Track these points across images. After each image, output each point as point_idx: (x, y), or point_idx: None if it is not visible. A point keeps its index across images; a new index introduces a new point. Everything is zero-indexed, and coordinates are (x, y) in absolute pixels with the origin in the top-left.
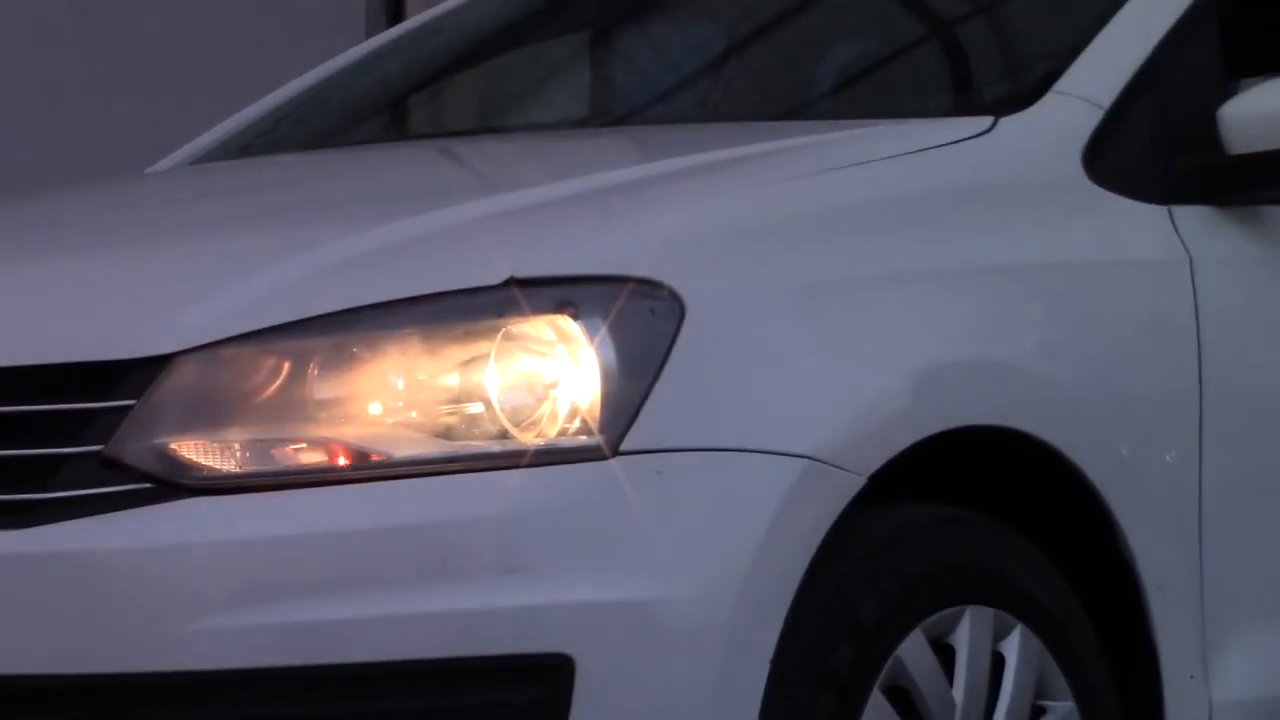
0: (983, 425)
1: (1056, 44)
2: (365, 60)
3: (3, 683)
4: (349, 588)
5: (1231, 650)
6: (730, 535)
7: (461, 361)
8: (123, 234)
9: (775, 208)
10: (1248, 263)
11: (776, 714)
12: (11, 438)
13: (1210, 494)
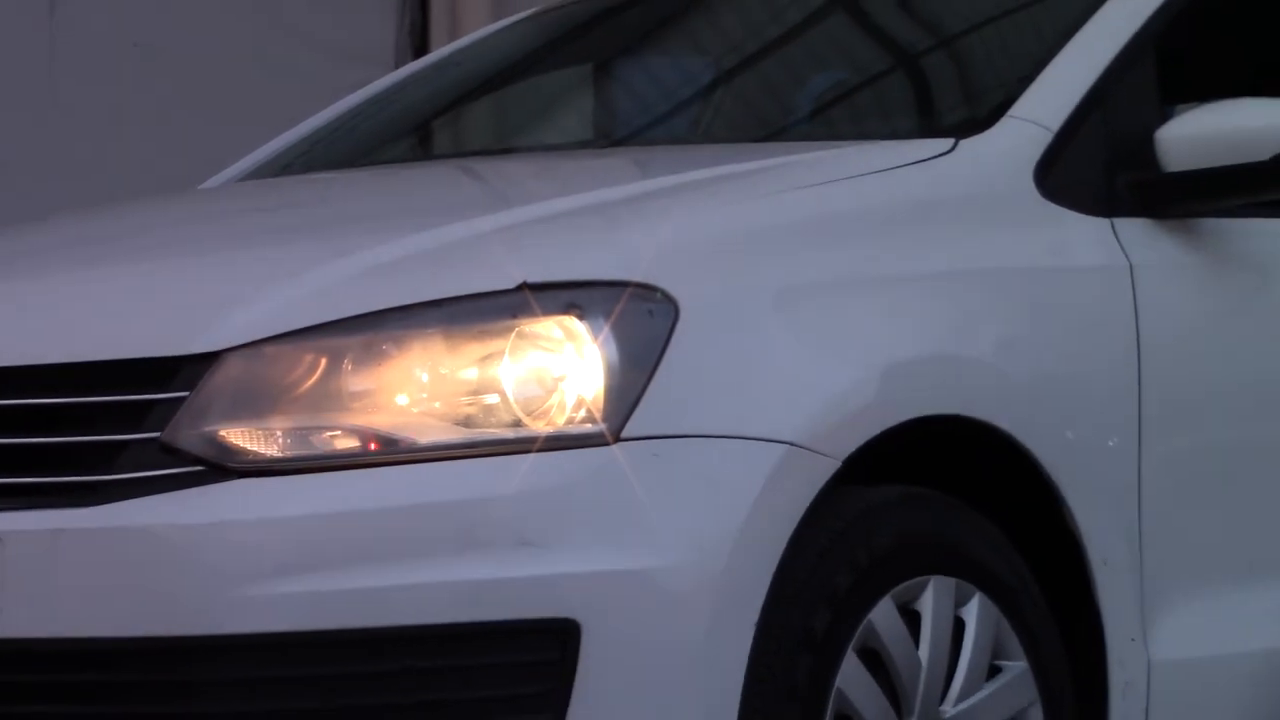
0: (944, 414)
1: (1010, 74)
2: (393, 89)
3: (73, 644)
4: (380, 559)
5: (1167, 616)
6: (719, 512)
7: (479, 358)
8: (178, 243)
9: (759, 219)
10: (1182, 269)
11: (761, 671)
12: (81, 425)
13: (1148, 476)
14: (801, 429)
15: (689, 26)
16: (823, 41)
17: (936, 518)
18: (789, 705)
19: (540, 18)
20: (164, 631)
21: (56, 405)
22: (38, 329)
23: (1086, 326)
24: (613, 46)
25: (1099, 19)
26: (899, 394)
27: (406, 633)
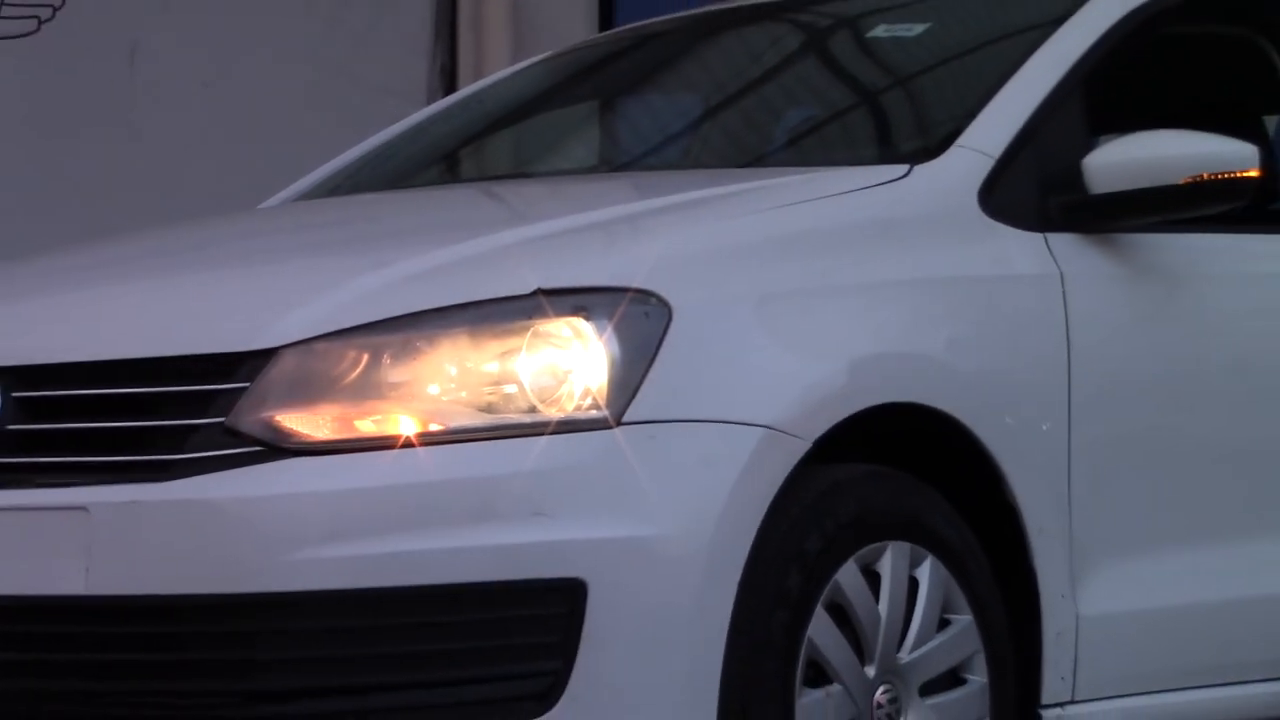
0: (901, 402)
1: (958, 109)
2: (426, 122)
3: (150, 600)
4: (415, 527)
5: (1092, 576)
6: (707, 486)
7: (500, 353)
8: (241, 255)
9: (741, 235)
10: (1106, 278)
11: (743, 624)
12: (156, 411)
13: (1077, 456)
14: (778, 414)
15: (680, 69)
16: (795, 81)
17: (894, 491)
18: (767, 653)
19: (552, 61)
20: (228, 589)
21: (135, 394)
22: (120, 328)
23: (1023, 327)
24: (615, 86)
25: (1033, 63)
26: (861, 385)
27: (437, 590)
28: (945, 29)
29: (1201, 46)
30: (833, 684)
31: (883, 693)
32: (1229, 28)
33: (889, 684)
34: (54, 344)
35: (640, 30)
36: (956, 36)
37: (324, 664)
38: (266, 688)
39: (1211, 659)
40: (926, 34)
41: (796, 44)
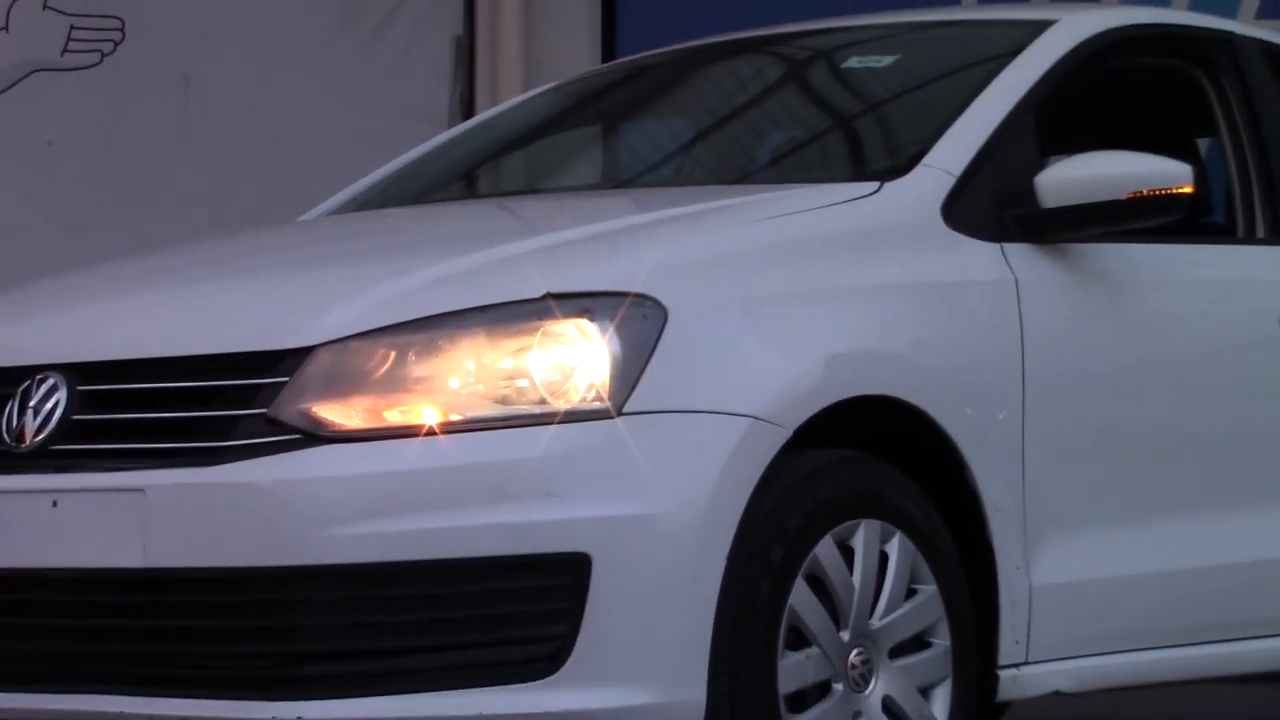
0: (872, 394)
1: (923, 132)
2: (447, 144)
3: (200, 572)
4: (437, 506)
5: (1043, 550)
6: (699, 470)
7: (513, 351)
8: (281, 262)
9: (729, 245)
10: (1055, 283)
11: (731, 594)
12: (205, 403)
13: (1030, 443)
14: (762, 406)
15: (673, 96)
16: (777, 107)
17: (867, 475)
18: (752, 619)
19: (560, 89)
20: (270, 562)
21: (187, 387)
22: (172, 328)
23: (982, 327)
24: (615, 112)
25: (990, 91)
26: (836, 379)
27: (456, 563)
28: (911, 61)
29: (1141, 77)
30: (811, 647)
31: (856, 655)
32: (1166, 60)
33: (862, 647)
34: (114, 343)
35: (637, 62)
36: (921, 67)
37: (355, 629)
38: (304, 650)
39: (1151, 624)
40: (895, 65)
41: (777, 73)
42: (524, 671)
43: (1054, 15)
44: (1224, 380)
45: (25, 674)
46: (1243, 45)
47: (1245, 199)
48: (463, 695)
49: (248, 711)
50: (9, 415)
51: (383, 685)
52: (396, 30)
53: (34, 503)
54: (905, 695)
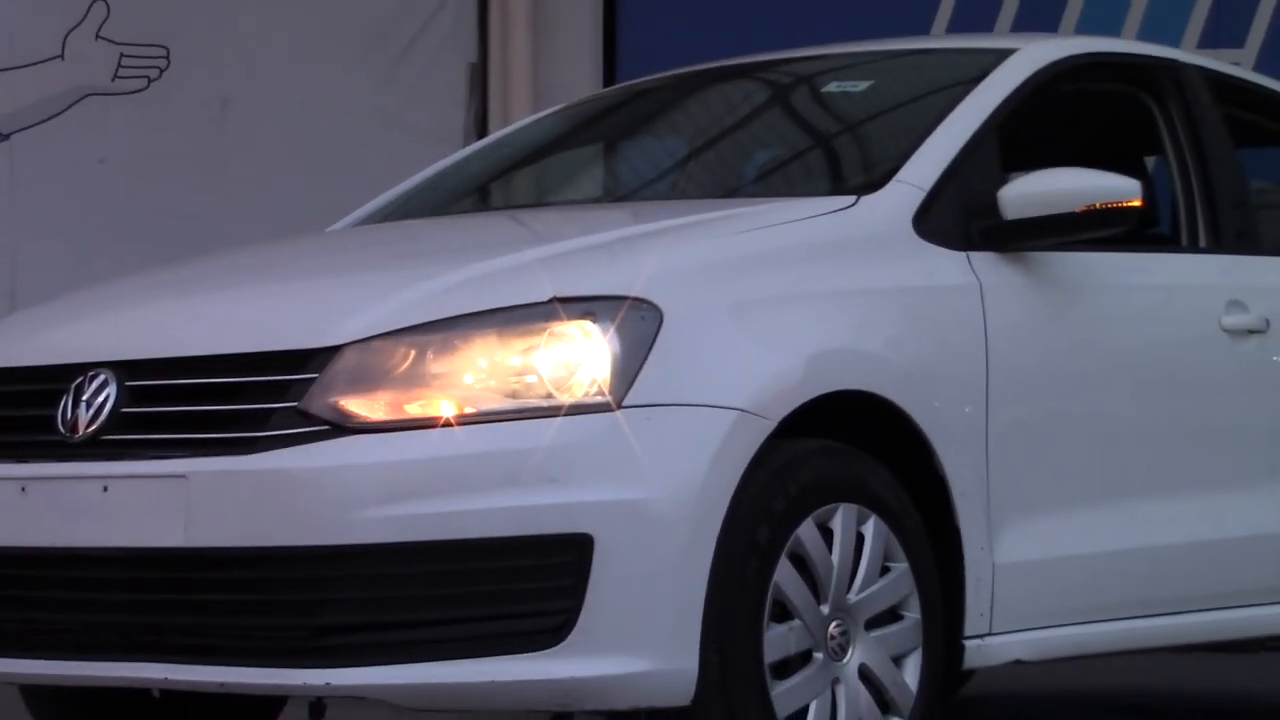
0: (850, 389)
1: (895, 151)
2: (462, 161)
3: (237, 551)
4: (453, 491)
5: (1005, 532)
6: (691, 458)
7: (522, 349)
8: (312, 269)
9: (718, 252)
10: (1017, 287)
11: (720, 572)
12: (242, 397)
13: (993, 433)
14: (749, 399)
15: (668, 118)
16: (763, 127)
17: (845, 463)
18: (740, 594)
19: (565, 111)
20: (300, 542)
21: (225, 383)
22: (212, 329)
23: (949, 328)
24: (615, 132)
25: (957, 113)
26: (816, 376)
27: (471, 543)
28: (885, 86)
29: (1094, 100)
30: (794, 620)
31: (835, 627)
32: (1116, 85)
33: (840, 620)
34: (159, 342)
35: (636, 86)
36: (894, 92)
37: (378, 603)
38: (331, 623)
39: (1103, 599)
40: (870, 90)
41: (763, 97)
42: (532, 642)
43: (1014, 44)
44: (1169, 377)
45: (79, 644)
46: (1186, 72)
47: (1188, 212)
48: (476, 664)
49: (280, 679)
50: (64, 408)
51: (403, 654)
52: (416, 58)
53: (86, 488)
54: (879, 663)
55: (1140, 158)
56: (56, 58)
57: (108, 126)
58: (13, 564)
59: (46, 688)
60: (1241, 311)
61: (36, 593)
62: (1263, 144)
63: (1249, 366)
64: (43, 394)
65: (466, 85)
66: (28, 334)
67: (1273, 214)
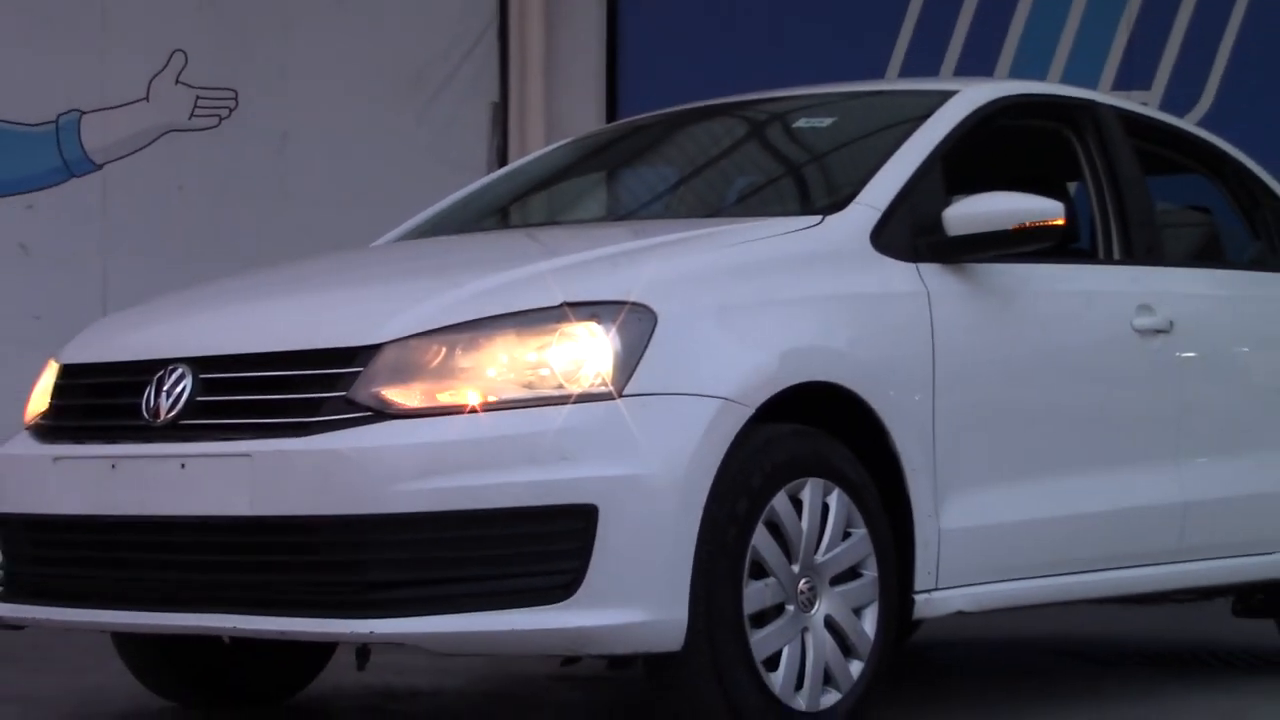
0: (817, 381)
1: (855, 177)
2: (485, 186)
3: (294, 519)
4: (479, 467)
5: (950, 501)
6: (681, 440)
7: (537, 347)
8: (358, 278)
9: (705, 263)
10: (958, 294)
11: (706, 537)
12: (298, 388)
13: (939, 418)
14: (731, 389)
15: (661, 149)
16: (742, 157)
17: (813, 443)
18: (723, 555)
19: (574, 143)
20: (348, 511)
21: (284, 376)
22: (273, 329)
23: (901, 328)
24: (617, 160)
25: (908, 145)
26: (788, 369)
27: (494, 512)
28: (847, 122)
29: (1023, 134)
30: (769, 577)
31: (804, 583)
32: (1042, 121)
33: (808, 577)
34: (228, 340)
35: (634, 122)
36: (854, 127)
37: (414, 563)
38: (374, 580)
39: (1033, 559)
40: (834, 125)
41: (743, 131)
42: (545, 597)
43: (956, 86)
44: (1089, 370)
45: (160, 598)
46: (1102, 110)
47: (1104, 229)
48: (498, 615)
49: (331, 628)
50: (147, 397)
51: (436, 607)
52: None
53: (166, 465)
54: (842, 614)
55: (1063, 183)
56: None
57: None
58: (104, 530)
59: (133, 635)
60: (1149, 314)
61: (124, 554)
62: (1166, 172)
63: (1155, 362)
64: (130, 385)
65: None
66: (117, 334)
67: (1175, 231)
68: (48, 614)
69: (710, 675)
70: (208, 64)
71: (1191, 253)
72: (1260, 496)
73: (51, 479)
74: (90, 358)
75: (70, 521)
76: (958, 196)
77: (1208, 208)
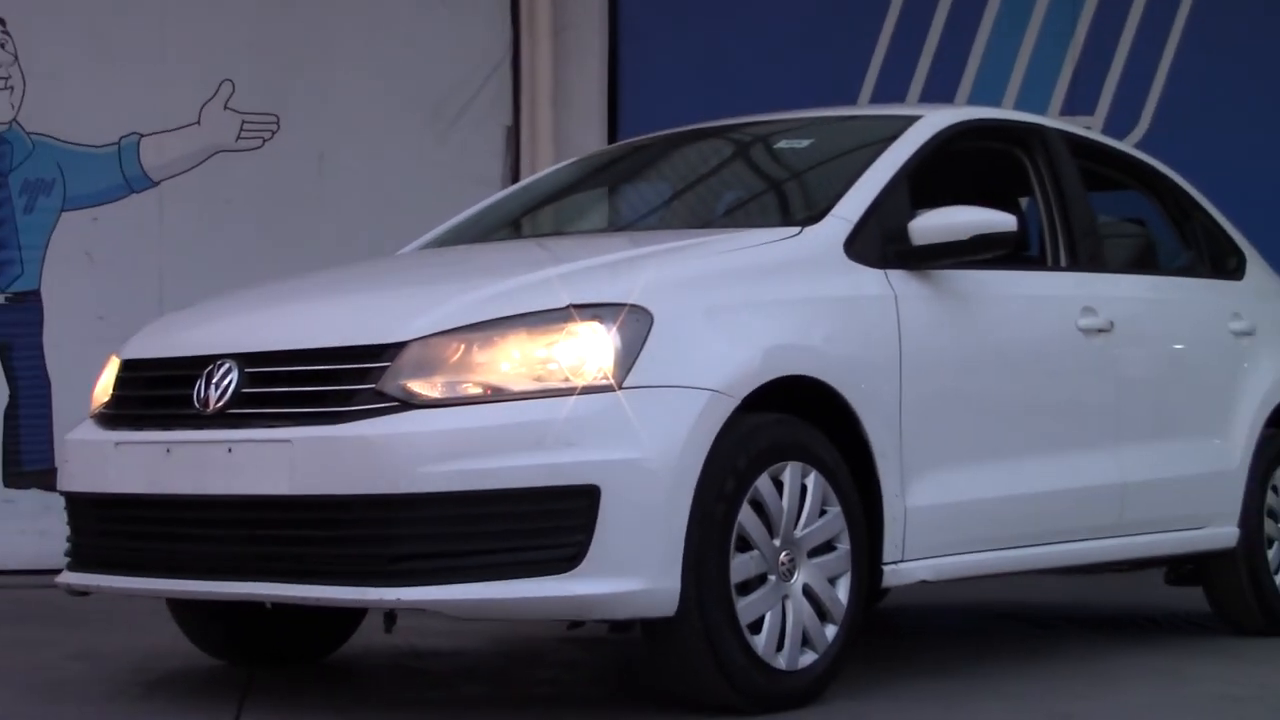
0: (796, 374)
1: (830, 192)
2: (499, 200)
3: (329, 498)
4: (493, 452)
5: (915, 482)
6: (674, 427)
7: (546, 344)
8: (385, 282)
9: (695, 269)
10: (922, 297)
11: (698, 513)
12: (333, 380)
13: (906, 408)
14: (719, 382)
15: (657, 167)
16: (729, 174)
17: (793, 430)
18: (712, 530)
19: (579, 162)
20: (378, 491)
21: (320, 369)
22: (310, 328)
23: (871, 327)
24: (617, 177)
25: (877, 164)
26: (771, 364)
27: (507, 492)
28: (823, 143)
29: (980, 154)
30: (754, 550)
31: (784, 555)
32: (997, 143)
33: (788, 550)
34: (270, 338)
35: (632, 143)
36: (830, 147)
37: (436, 537)
38: (400, 552)
39: (989, 533)
40: (811, 146)
41: (729, 151)
42: (553, 567)
43: (920, 112)
44: (1038, 364)
45: (209, 567)
46: (1049, 134)
47: (1051, 239)
48: (510, 584)
49: (361, 595)
50: (198, 389)
51: (455, 577)
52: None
53: (215, 450)
54: (819, 583)
55: (1015, 198)
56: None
57: (232, 175)
58: (160, 507)
59: (186, 600)
60: (1092, 315)
61: (177, 529)
62: (1107, 188)
63: (1097, 358)
64: (183, 378)
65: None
66: (172, 332)
67: (1115, 241)
68: (110, 582)
69: (701, 638)
70: (253, 92)
71: (1129, 260)
72: (1189, 478)
73: (113, 462)
74: (148, 353)
75: (130, 499)
76: (921, 210)
77: (1143, 220)
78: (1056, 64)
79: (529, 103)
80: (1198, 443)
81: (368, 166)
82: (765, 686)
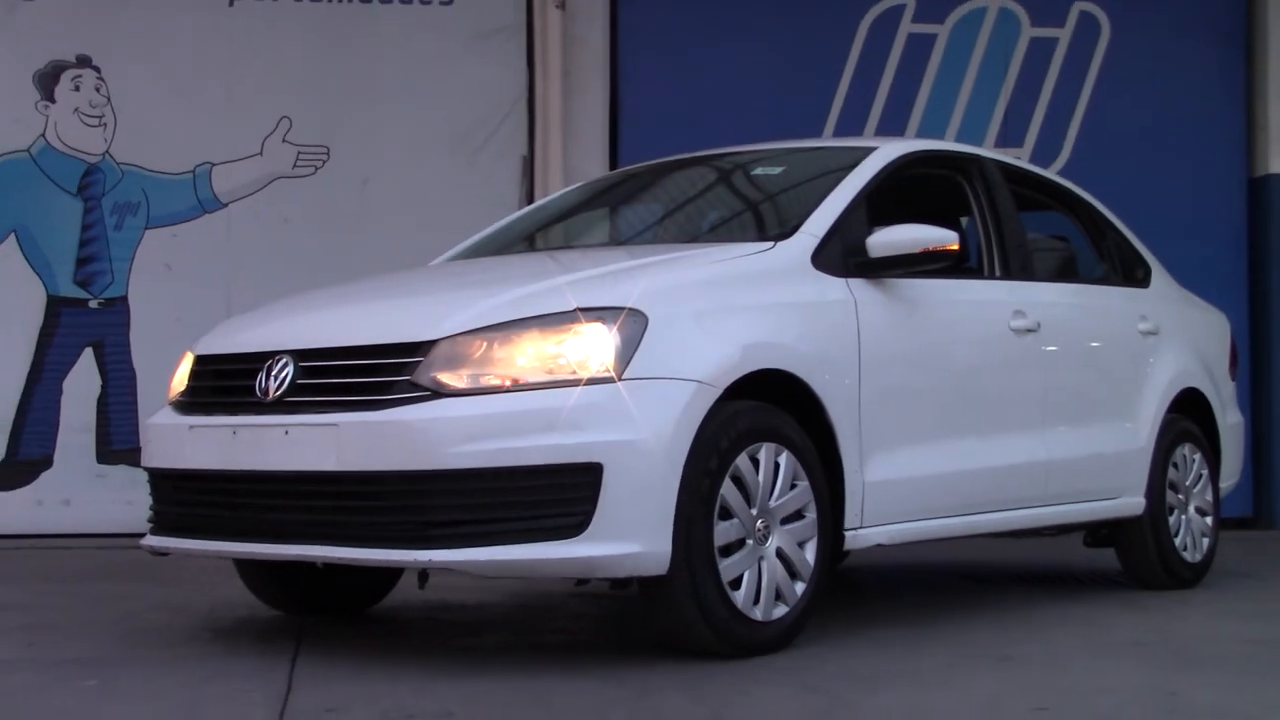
0: (770, 368)
1: (800, 212)
2: (516, 219)
3: (372, 474)
4: (512, 434)
5: (872, 460)
6: (666, 413)
7: (556, 342)
8: (419, 289)
9: (684, 277)
10: (878, 302)
11: (686, 487)
12: (374, 373)
13: (864, 398)
14: (704, 374)
15: (651, 190)
16: (713, 197)
17: (768, 416)
18: (699, 501)
19: (584, 186)
20: (414, 467)
21: (364, 364)
22: (356, 327)
23: (834, 328)
24: (616, 200)
25: (840, 188)
26: (749, 359)
27: (523, 468)
28: (793, 170)
29: (927, 180)
30: (734, 518)
31: (760, 523)
32: (941, 170)
33: (764, 518)
34: (321, 337)
35: (629, 171)
36: (799, 173)
37: (463, 507)
38: (432, 520)
39: (937, 503)
40: (783, 173)
41: (713, 176)
42: (563, 533)
43: (875, 144)
44: (975, 359)
45: (269, 532)
46: (985, 162)
47: (988, 253)
48: (526, 547)
49: (398, 556)
50: (260, 380)
51: (480, 541)
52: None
53: (274, 432)
54: (790, 547)
55: (957, 217)
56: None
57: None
58: (227, 481)
59: (249, 560)
60: (1022, 317)
61: (242, 499)
62: (1035, 209)
63: (1026, 354)
64: (246, 371)
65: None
66: (237, 332)
67: (1042, 254)
68: (185, 544)
69: (689, 593)
70: (307, 126)
71: (1054, 271)
72: (1104, 456)
73: (187, 442)
74: (217, 350)
75: (202, 474)
76: (878, 227)
77: (1066, 237)
78: (991, 103)
79: (541, 135)
80: (1111, 426)
81: (405, 190)
82: (744, 635)
